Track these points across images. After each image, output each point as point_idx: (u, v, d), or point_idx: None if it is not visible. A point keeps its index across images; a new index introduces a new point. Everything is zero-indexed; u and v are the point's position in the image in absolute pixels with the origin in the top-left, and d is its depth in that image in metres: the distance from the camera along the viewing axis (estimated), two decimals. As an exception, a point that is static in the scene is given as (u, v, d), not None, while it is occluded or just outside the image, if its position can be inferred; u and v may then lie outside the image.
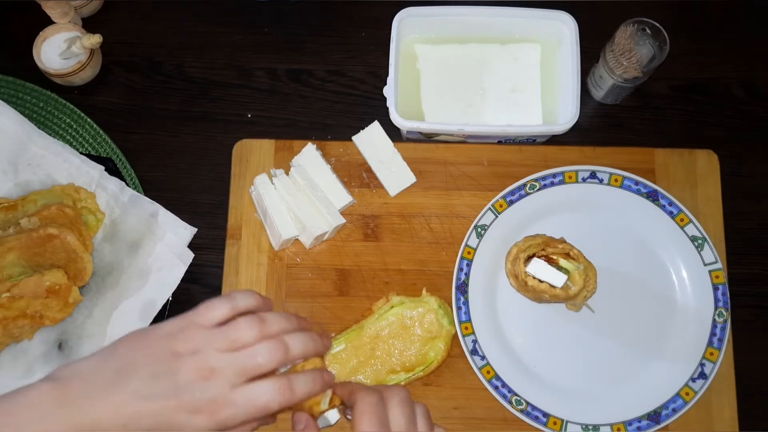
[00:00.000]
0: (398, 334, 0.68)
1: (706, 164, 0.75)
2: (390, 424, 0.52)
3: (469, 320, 0.69)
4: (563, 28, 0.75)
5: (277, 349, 0.52)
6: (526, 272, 0.67)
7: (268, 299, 0.55)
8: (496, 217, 0.72)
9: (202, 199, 0.77)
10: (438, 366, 0.68)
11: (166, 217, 0.73)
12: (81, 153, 0.75)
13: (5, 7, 0.83)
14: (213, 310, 0.52)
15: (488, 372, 0.68)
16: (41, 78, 0.79)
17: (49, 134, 0.76)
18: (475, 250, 0.71)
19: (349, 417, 0.57)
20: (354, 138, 0.75)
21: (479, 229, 0.72)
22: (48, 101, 0.78)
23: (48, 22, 0.79)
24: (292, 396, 0.52)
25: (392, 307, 0.69)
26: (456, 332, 0.69)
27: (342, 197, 0.73)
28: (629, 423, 0.67)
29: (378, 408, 0.53)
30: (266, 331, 0.53)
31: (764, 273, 0.75)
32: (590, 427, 0.67)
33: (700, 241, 0.71)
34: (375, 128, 0.76)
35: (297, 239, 0.73)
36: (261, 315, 0.53)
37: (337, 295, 0.72)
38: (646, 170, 0.74)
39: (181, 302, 0.73)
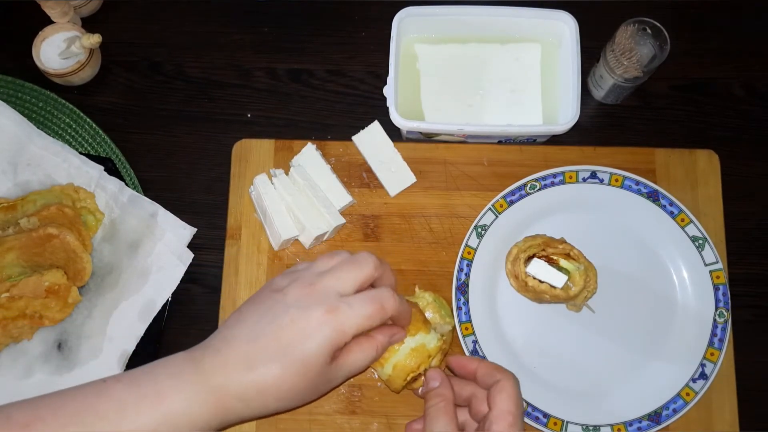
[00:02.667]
0: None
1: (706, 164, 0.75)
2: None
3: (469, 320, 0.69)
4: (563, 28, 0.75)
5: (370, 255, 0.55)
6: (526, 272, 0.67)
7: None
8: (497, 217, 0.72)
9: (202, 199, 0.77)
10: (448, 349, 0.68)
11: (165, 217, 0.73)
12: (80, 153, 0.75)
13: (5, 7, 0.83)
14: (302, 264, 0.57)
15: (488, 372, 0.68)
16: (40, 78, 0.79)
17: (49, 134, 0.76)
18: (475, 250, 0.71)
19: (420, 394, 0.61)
20: (354, 138, 0.75)
21: (479, 229, 0.72)
22: (47, 101, 0.77)
23: (47, 21, 0.79)
24: (399, 304, 0.55)
25: None
26: (455, 326, 0.69)
27: (342, 197, 0.73)
28: (629, 423, 0.67)
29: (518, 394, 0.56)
30: (355, 253, 0.56)
31: (765, 273, 0.75)
32: (591, 428, 0.67)
33: (700, 242, 0.71)
34: (375, 128, 0.75)
35: (297, 239, 0.73)
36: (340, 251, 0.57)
37: (337, 296, 0.72)
38: (646, 170, 0.74)
39: (180, 302, 0.73)
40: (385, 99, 0.72)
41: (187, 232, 0.73)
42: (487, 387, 0.57)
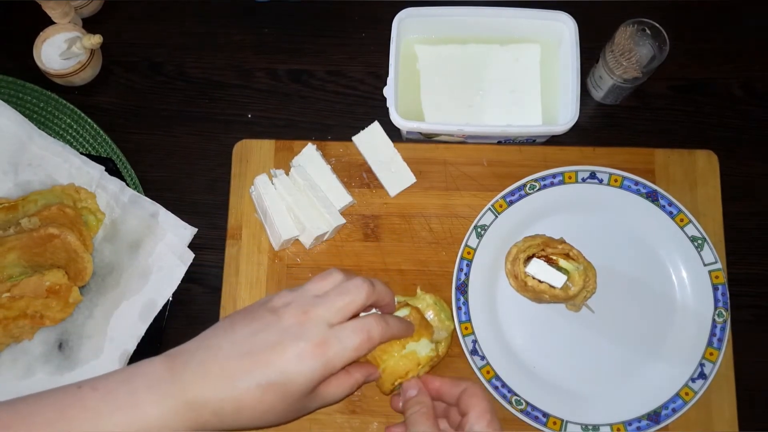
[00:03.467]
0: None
1: (705, 164, 0.75)
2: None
3: (468, 320, 0.69)
4: (563, 28, 0.75)
5: (363, 282, 0.56)
6: (525, 272, 0.67)
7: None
8: (496, 217, 0.72)
9: (203, 200, 0.77)
10: (439, 361, 0.68)
11: (166, 218, 0.74)
12: (81, 153, 0.75)
13: (5, 7, 0.83)
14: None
15: (488, 372, 0.68)
16: (41, 78, 0.79)
17: (50, 134, 0.76)
18: (475, 250, 0.71)
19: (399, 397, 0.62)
20: (354, 138, 0.75)
21: (479, 230, 0.72)
22: (48, 101, 0.78)
23: (48, 22, 0.79)
24: (388, 329, 0.56)
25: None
26: (455, 328, 0.69)
27: (342, 197, 0.73)
28: (629, 423, 0.68)
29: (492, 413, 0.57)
30: (349, 276, 0.57)
31: (764, 273, 0.75)
32: (590, 427, 0.67)
33: (699, 242, 0.71)
34: (375, 128, 0.76)
35: (297, 239, 0.73)
36: (338, 269, 0.57)
37: (337, 295, 0.72)
38: (645, 170, 0.74)
39: (181, 302, 0.73)
40: (385, 99, 0.72)
41: (188, 232, 0.74)
42: (456, 398, 0.59)
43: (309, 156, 0.74)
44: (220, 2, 0.84)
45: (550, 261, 0.67)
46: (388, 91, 0.72)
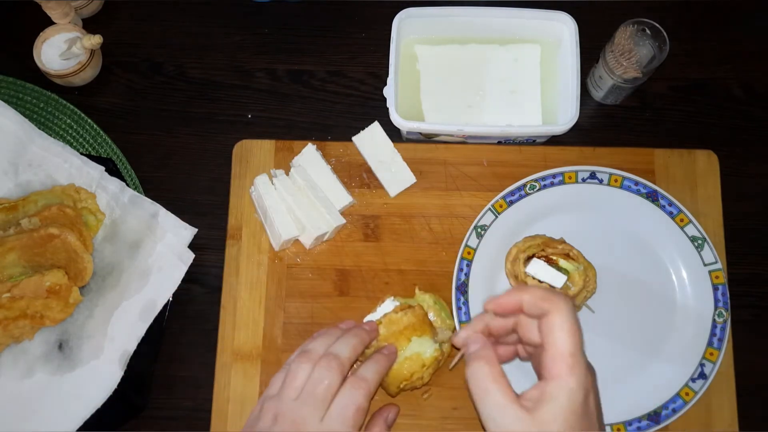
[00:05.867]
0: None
1: (705, 164, 0.75)
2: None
3: (469, 320, 0.69)
4: (563, 28, 0.75)
5: (329, 362, 0.56)
6: (525, 273, 0.67)
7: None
8: (496, 217, 0.72)
9: (203, 200, 0.77)
10: (445, 359, 0.67)
11: (166, 218, 0.73)
12: (81, 153, 0.75)
13: (5, 8, 0.83)
14: (274, 382, 0.58)
15: (488, 372, 0.68)
16: (41, 78, 0.79)
17: (50, 135, 0.76)
18: (475, 250, 0.71)
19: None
20: (354, 138, 0.75)
21: (479, 230, 0.72)
22: (48, 102, 0.78)
23: (48, 22, 0.79)
24: (369, 385, 0.56)
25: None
26: (455, 327, 0.69)
27: (342, 197, 0.73)
28: (629, 423, 0.67)
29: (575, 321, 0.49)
30: (314, 358, 0.57)
31: (764, 273, 0.75)
32: (590, 427, 0.67)
33: (699, 242, 0.71)
34: (375, 129, 0.76)
35: (297, 239, 0.73)
36: (304, 349, 0.58)
37: (338, 296, 0.72)
38: (645, 170, 0.74)
39: (181, 303, 0.73)
40: (385, 100, 0.72)
41: (188, 232, 0.74)
42: (538, 318, 0.50)
43: (309, 156, 0.74)
44: (220, 2, 0.84)
45: (550, 261, 0.67)
46: (388, 91, 0.72)
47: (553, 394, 0.47)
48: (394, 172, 0.74)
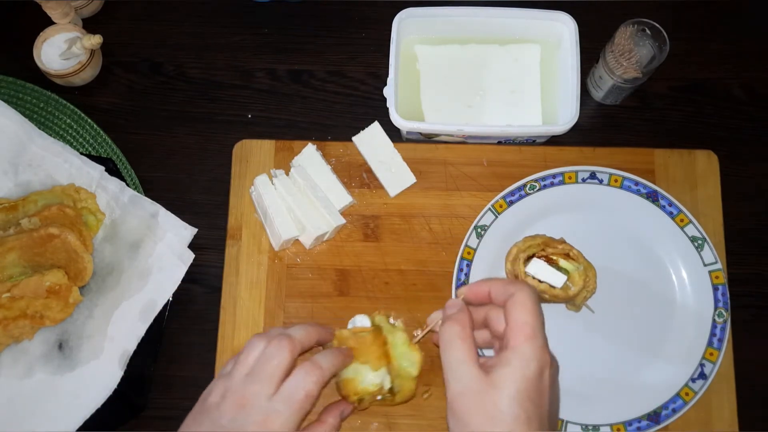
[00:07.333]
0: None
1: (705, 164, 0.75)
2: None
3: (469, 320, 0.69)
4: (563, 28, 0.75)
5: (281, 340, 0.56)
6: (525, 272, 0.67)
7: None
8: (496, 217, 0.72)
9: (203, 200, 0.77)
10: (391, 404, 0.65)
11: (166, 218, 0.73)
12: (81, 153, 0.75)
13: (5, 8, 0.83)
14: (229, 361, 0.59)
15: (488, 372, 0.68)
16: (41, 78, 0.79)
17: (50, 135, 0.76)
18: (475, 250, 0.71)
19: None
20: (354, 138, 0.75)
21: (479, 230, 0.72)
22: (48, 102, 0.78)
23: (48, 22, 0.79)
24: (323, 372, 0.56)
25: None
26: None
27: (342, 197, 0.73)
28: (629, 423, 0.68)
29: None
30: (268, 338, 0.57)
31: (764, 273, 0.75)
32: (590, 428, 0.67)
33: (699, 242, 0.71)
34: (375, 129, 0.76)
35: (297, 240, 0.73)
36: (257, 335, 0.59)
37: (338, 296, 0.72)
38: (645, 170, 0.74)
39: (181, 302, 0.73)
40: (385, 100, 0.72)
41: (188, 232, 0.74)
42: (503, 304, 0.55)
43: (309, 156, 0.74)
44: (220, 2, 0.84)
45: (550, 261, 0.67)
46: (388, 91, 0.72)
47: (509, 359, 0.51)
48: (394, 172, 0.74)
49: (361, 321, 0.64)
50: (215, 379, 0.58)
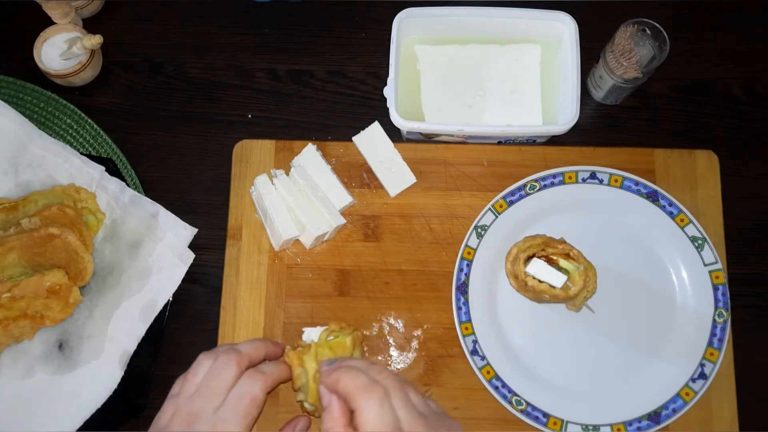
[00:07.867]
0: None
1: (705, 164, 0.75)
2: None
3: (469, 320, 0.69)
4: (563, 28, 0.75)
5: (228, 354, 0.58)
6: (526, 272, 0.67)
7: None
8: (496, 217, 0.72)
9: (203, 200, 0.77)
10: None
11: (166, 218, 0.73)
12: (81, 153, 0.75)
13: (5, 8, 0.83)
14: (177, 382, 0.59)
15: (488, 372, 0.68)
16: (42, 78, 0.79)
17: (50, 135, 0.76)
18: (475, 250, 0.71)
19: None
20: (354, 138, 0.75)
21: (479, 230, 0.72)
22: (48, 102, 0.78)
23: (48, 22, 0.79)
24: (266, 378, 0.57)
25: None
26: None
27: (342, 197, 0.73)
28: (629, 423, 0.68)
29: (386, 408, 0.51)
30: (214, 355, 0.59)
31: (764, 273, 0.75)
32: (590, 428, 0.67)
33: (700, 242, 0.71)
34: (375, 129, 0.76)
35: (297, 240, 0.73)
36: (205, 353, 0.60)
37: (338, 296, 0.72)
38: (645, 170, 0.74)
39: (181, 302, 0.73)
40: (385, 100, 0.72)
41: (188, 232, 0.74)
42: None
43: (309, 156, 0.74)
44: (220, 2, 0.84)
45: (550, 261, 0.67)
46: (388, 92, 0.72)
47: None
48: (394, 172, 0.74)
49: (309, 334, 0.66)
50: (165, 401, 0.58)
